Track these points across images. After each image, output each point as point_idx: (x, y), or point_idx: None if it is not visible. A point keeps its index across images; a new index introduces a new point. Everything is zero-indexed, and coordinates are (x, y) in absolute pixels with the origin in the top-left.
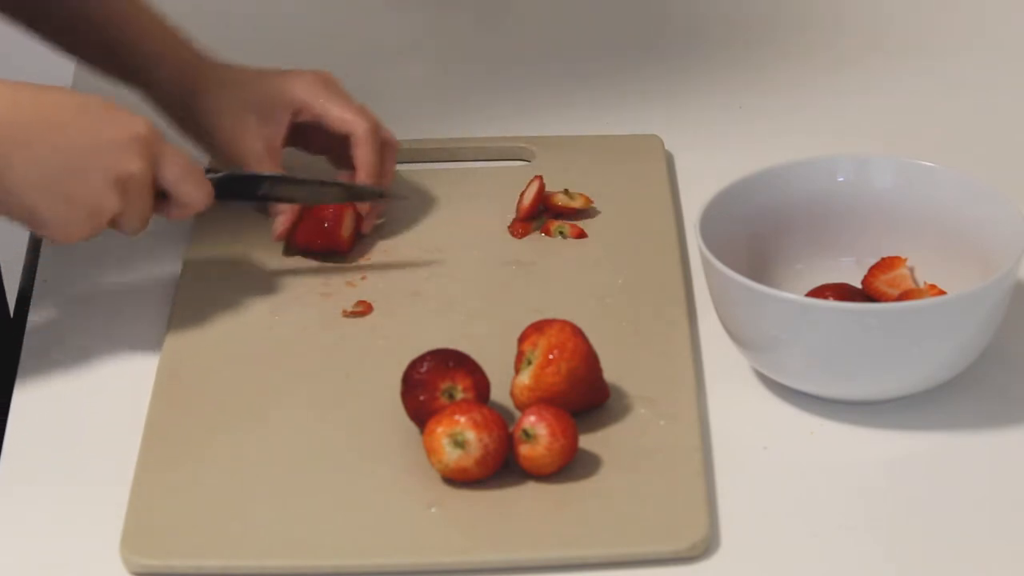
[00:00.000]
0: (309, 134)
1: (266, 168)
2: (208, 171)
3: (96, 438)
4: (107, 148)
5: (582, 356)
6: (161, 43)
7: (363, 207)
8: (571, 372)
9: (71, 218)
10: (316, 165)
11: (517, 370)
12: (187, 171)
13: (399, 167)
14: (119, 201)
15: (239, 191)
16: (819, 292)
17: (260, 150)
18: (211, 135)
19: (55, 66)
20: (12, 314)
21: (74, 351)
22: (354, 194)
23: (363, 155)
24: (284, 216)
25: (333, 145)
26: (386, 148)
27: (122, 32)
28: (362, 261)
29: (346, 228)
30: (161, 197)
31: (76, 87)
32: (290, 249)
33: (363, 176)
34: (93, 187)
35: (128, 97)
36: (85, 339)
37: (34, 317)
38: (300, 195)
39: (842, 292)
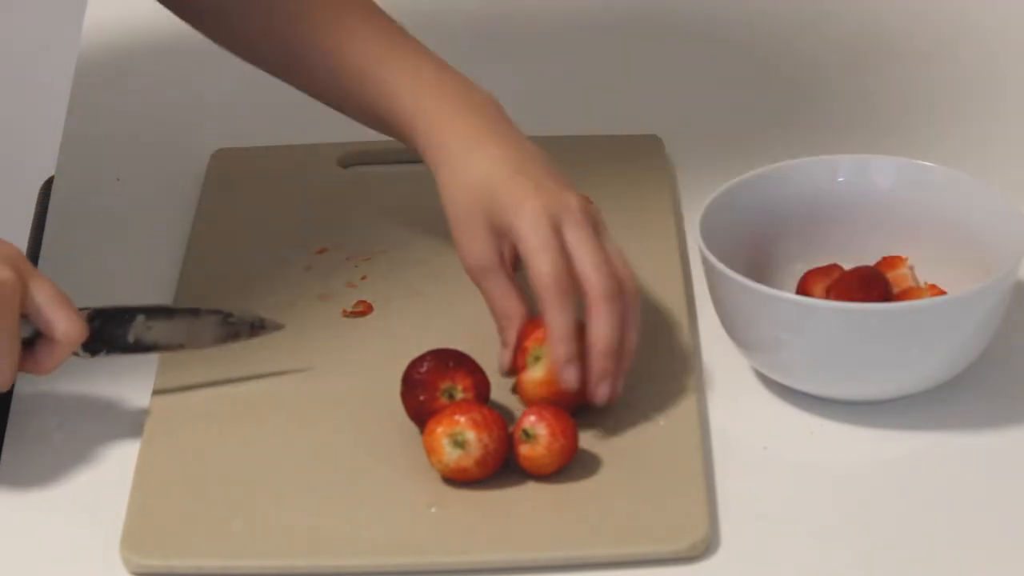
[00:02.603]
0: None
1: (492, 278)
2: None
3: (96, 438)
4: None
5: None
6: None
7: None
8: None
9: None
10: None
11: (520, 368)
12: (58, 296)
13: (400, 168)
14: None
15: (109, 333)
16: (841, 279)
17: (488, 262)
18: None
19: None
20: None
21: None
22: (233, 329)
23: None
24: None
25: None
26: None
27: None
28: (362, 261)
29: None
30: (25, 346)
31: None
32: None
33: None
34: None
35: None
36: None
37: None
38: (175, 336)
39: (863, 276)
